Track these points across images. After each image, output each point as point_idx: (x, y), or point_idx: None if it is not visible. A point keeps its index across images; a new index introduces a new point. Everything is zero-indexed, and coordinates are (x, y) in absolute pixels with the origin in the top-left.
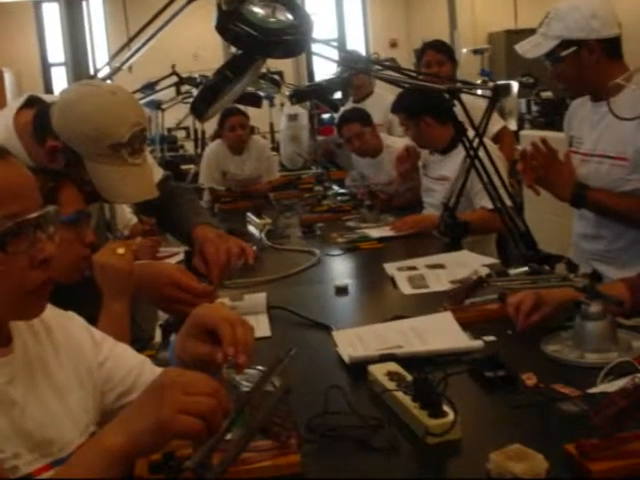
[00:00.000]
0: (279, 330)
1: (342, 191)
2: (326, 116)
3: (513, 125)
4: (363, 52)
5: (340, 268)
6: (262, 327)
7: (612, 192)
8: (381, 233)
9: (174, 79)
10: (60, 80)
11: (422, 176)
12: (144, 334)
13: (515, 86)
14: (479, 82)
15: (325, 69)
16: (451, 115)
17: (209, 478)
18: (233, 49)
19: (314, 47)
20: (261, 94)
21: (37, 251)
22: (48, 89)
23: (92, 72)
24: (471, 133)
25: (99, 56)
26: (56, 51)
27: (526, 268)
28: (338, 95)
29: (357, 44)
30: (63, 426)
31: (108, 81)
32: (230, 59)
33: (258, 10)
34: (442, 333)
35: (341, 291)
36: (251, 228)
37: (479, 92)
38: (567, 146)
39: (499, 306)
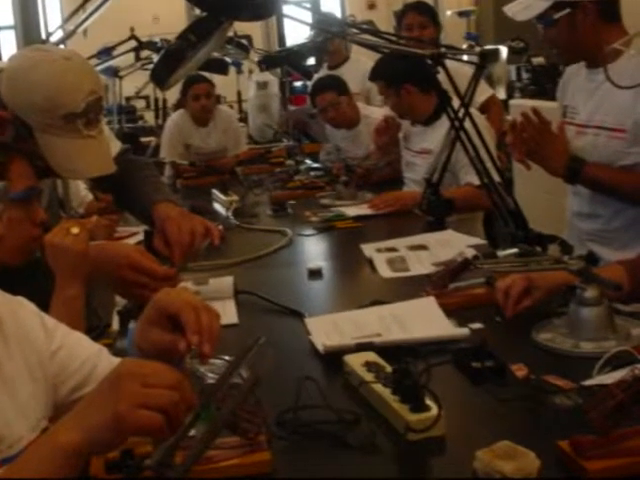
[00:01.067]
0: (247, 317)
1: (316, 166)
2: (298, 84)
3: (502, 94)
4: (338, 14)
5: (313, 249)
6: (229, 313)
7: (610, 167)
8: (358, 211)
9: (133, 44)
10: (9, 45)
11: (403, 149)
12: (100, 321)
13: (504, 51)
14: (465, 47)
15: (297, 33)
16: (434, 83)
17: (171, 478)
18: (197, 11)
19: (285, 9)
20: (228, 60)
21: None
22: None
23: (44, 36)
24: (456, 102)
25: (51, 19)
26: (4, 13)
27: (516, 249)
28: (311, 61)
29: (332, 6)
30: (13, 422)
31: (61, 46)
32: (194, 22)
33: None
34: (424, 320)
35: (314, 274)
36: (217, 206)
37: (465, 58)
38: (561, 117)
39: (486, 291)
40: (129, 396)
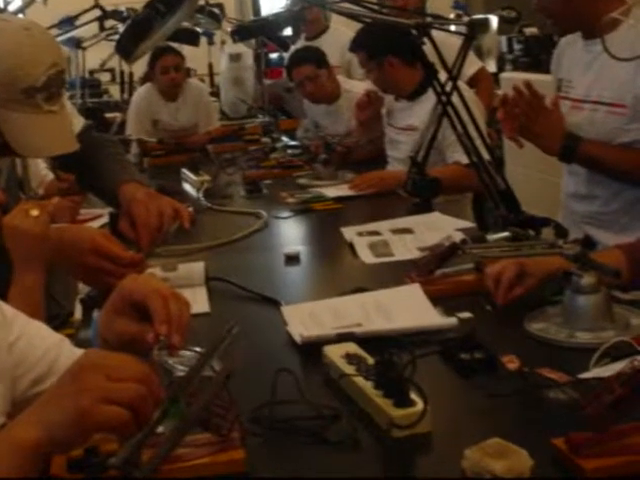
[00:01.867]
0: (219, 305)
1: (293, 143)
2: (274, 56)
3: (492, 66)
4: None
5: (290, 233)
6: (199, 302)
7: (608, 144)
8: (338, 192)
9: (97, 13)
10: None
11: (386, 126)
12: (62, 310)
13: (494, 21)
14: (452, 16)
15: (273, 1)
16: (420, 55)
17: (138, 477)
18: None
19: None
20: (198, 30)
21: None
22: None
23: (1, 4)
24: (443, 76)
25: None
26: None
27: (507, 233)
28: (288, 32)
29: None
30: None
31: (20, 15)
32: None
33: None
34: (409, 309)
35: (292, 260)
36: (187, 186)
37: (452, 28)
38: (555, 91)
39: (476, 277)
40: (93, 390)
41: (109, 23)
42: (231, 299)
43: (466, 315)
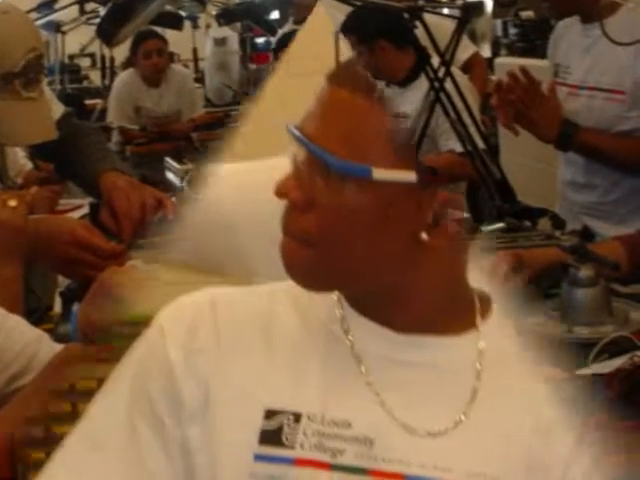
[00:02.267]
0: None
1: None
2: (261, 40)
3: (486, 51)
4: None
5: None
6: None
7: (606, 132)
8: None
9: None
10: None
11: None
12: (40, 304)
13: (489, 4)
14: None
15: None
16: (412, 39)
17: None
18: None
19: None
20: (182, 14)
21: None
22: None
23: None
24: (436, 61)
25: None
26: None
27: (502, 224)
28: (275, 15)
29: None
30: None
31: None
32: None
33: None
34: None
35: None
36: (170, 175)
37: (445, 11)
38: (552, 76)
39: None
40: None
41: (90, 6)
42: None
43: None
